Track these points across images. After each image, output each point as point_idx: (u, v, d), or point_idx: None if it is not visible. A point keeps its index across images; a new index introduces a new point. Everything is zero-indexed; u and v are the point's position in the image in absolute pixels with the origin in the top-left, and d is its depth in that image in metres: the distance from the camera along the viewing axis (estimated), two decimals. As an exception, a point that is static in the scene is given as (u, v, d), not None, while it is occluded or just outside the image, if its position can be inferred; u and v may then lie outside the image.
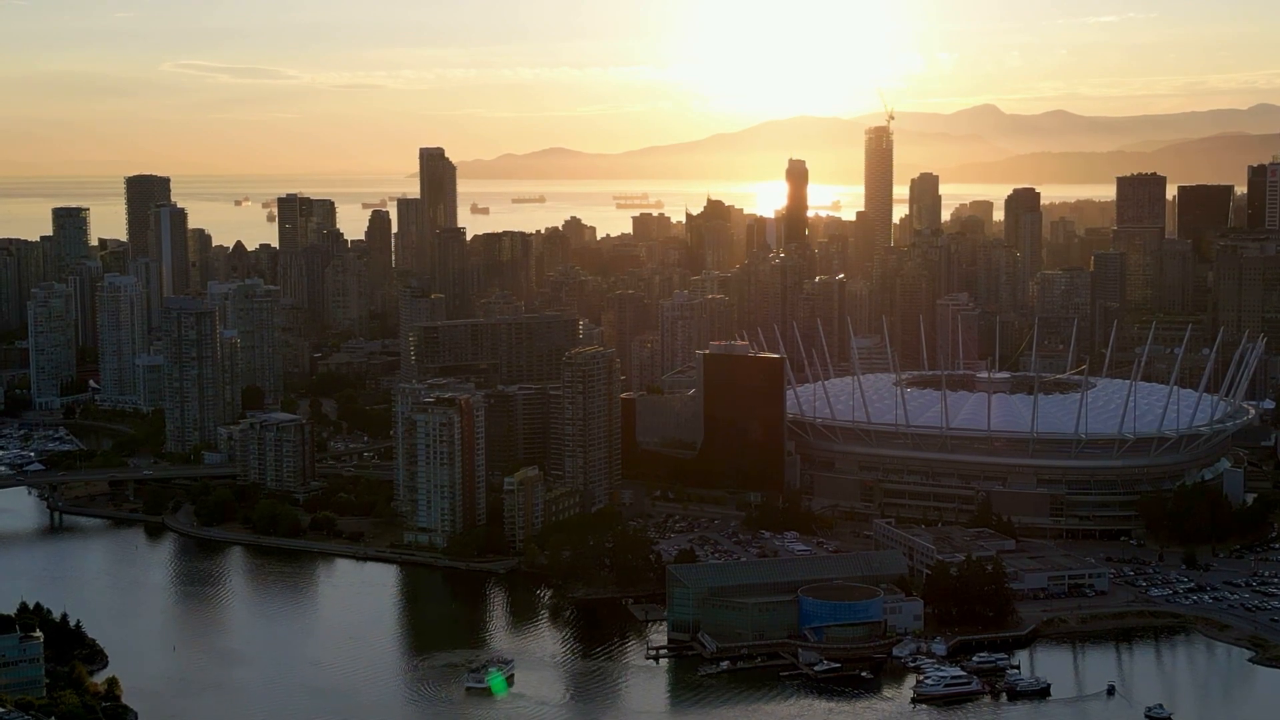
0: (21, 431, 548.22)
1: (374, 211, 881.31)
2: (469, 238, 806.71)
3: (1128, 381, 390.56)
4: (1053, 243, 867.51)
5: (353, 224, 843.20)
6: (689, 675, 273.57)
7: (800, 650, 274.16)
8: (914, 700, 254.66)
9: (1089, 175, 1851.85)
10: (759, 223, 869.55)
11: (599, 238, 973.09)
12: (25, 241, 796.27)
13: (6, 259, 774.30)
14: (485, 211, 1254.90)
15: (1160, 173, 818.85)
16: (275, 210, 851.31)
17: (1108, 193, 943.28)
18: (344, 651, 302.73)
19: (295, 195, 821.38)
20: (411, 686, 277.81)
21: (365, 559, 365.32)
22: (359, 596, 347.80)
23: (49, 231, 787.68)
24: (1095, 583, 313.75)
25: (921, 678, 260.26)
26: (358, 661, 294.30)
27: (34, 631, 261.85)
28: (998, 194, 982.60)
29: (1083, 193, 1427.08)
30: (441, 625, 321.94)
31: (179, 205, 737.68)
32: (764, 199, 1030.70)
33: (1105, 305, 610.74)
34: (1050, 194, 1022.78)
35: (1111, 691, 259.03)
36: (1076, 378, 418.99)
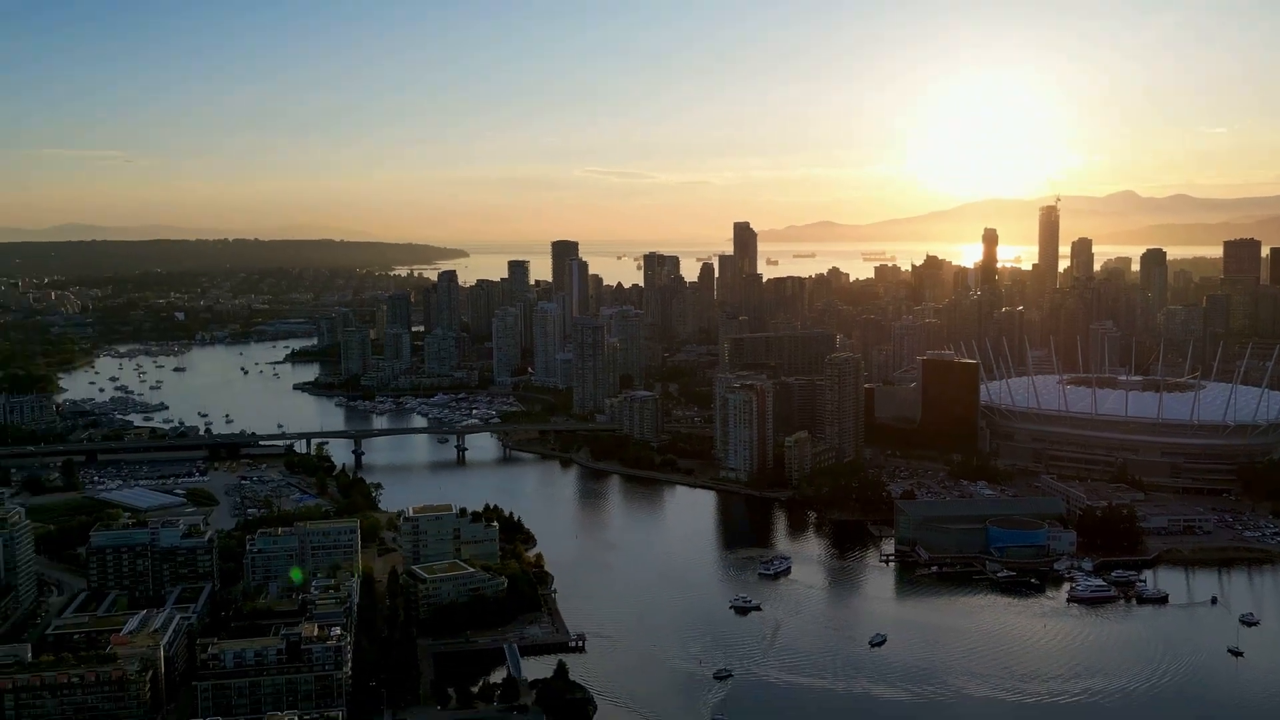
0: (486, 399, 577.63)
1: (703, 263, 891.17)
2: (764, 280, 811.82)
3: (1230, 385, 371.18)
4: (1175, 287, 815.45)
5: (689, 272, 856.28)
6: (908, 574, 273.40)
7: (987, 562, 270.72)
8: (1068, 600, 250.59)
9: (1203, 240, 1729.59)
10: (962, 271, 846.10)
11: (851, 280, 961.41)
12: (492, 281, 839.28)
13: (479, 292, 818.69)
14: (775, 263, 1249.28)
15: (1257, 238, 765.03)
16: (641, 263, 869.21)
17: (1217, 253, 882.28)
18: (681, 544, 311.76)
19: (654, 253, 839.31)
20: (724, 569, 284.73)
21: (695, 486, 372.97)
22: (691, 510, 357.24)
23: (505, 275, 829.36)
24: (1203, 525, 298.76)
25: (1074, 585, 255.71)
26: (690, 551, 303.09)
27: (493, 522, 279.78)
28: (1135, 253, 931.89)
29: (1198, 253, 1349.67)
30: (743, 532, 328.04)
31: (583, 259, 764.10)
32: (967, 255, 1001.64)
33: (1213, 331, 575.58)
34: (1173, 253, 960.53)
35: (1214, 601, 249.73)
36: (1191, 381, 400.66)
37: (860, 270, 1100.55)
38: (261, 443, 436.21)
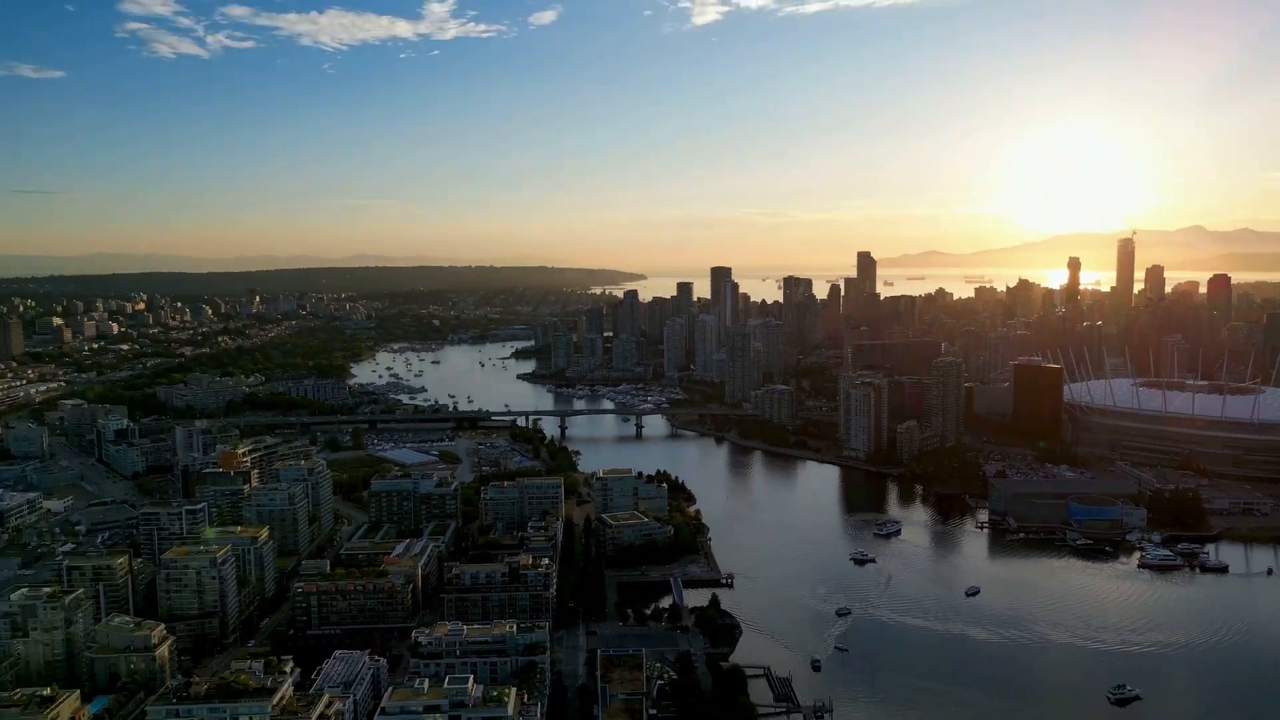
0: (658, 388, 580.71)
1: (831, 284, 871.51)
2: (882, 298, 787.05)
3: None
4: (1238, 306, 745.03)
5: (820, 291, 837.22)
6: (999, 539, 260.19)
7: (1068, 532, 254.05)
8: (1139, 566, 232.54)
9: (1265, 268, 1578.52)
10: (1050, 292, 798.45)
11: (954, 299, 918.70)
12: (664, 299, 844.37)
13: (654, 307, 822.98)
14: (891, 284, 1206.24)
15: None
16: (782, 283, 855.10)
17: (1277, 278, 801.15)
18: (810, 507, 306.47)
19: (792, 276, 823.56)
20: (845, 529, 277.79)
21: (822, 462, 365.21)
22: (818, 481, 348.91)
23: (674, 294, 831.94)
24: (1261, 507, 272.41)
25: (1144, 554, 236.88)
26: (817, 512, 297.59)
27: (663, 483, 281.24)
28: (1202, 278, 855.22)
29: (1260, 278, 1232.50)
30: (861, 499, 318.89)
31: (735, 281, 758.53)
32: (1053, 280, 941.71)
33: (1274, 344, 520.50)
34: (1238, 278, 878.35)
35: (1269, 573, 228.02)
36: (1253, 385, 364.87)
37: (962, 291, 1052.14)
38: (493, 418, 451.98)
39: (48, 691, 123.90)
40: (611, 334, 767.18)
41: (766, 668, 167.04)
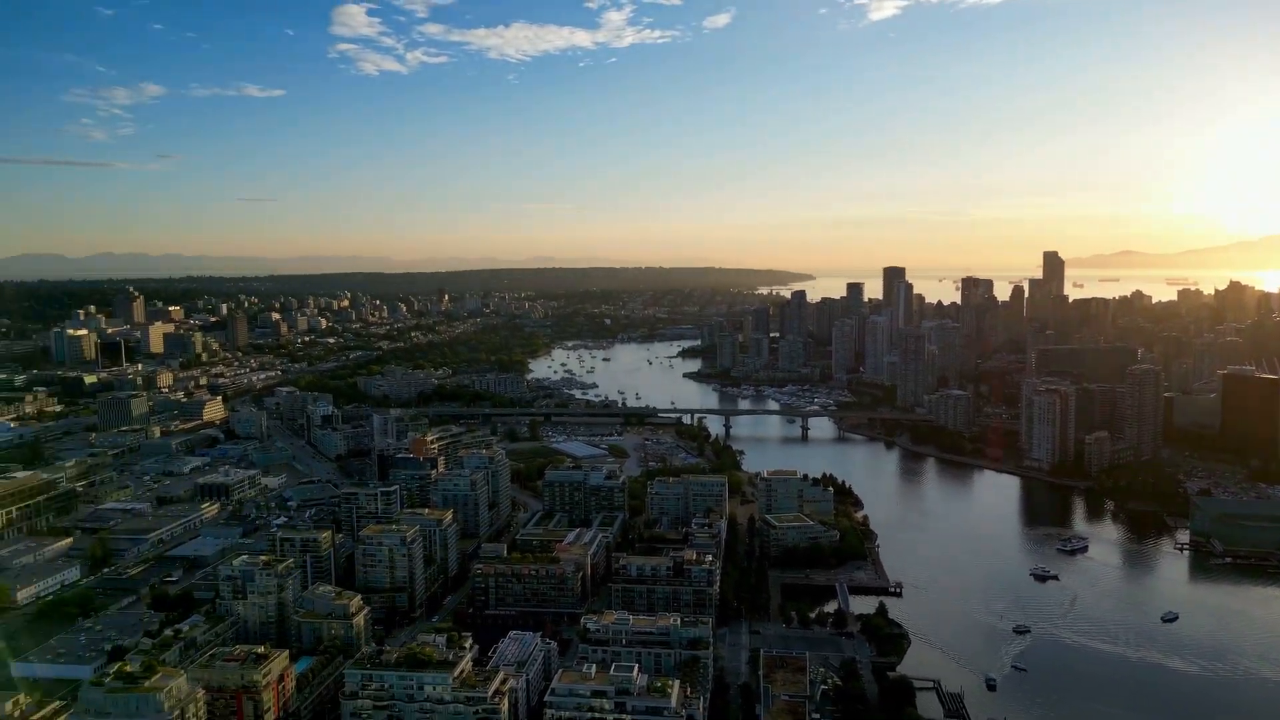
0: (825, 390, 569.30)
1: (1014, 286, 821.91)
2: (1070, 300, 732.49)
3: None
4: None
5: (1001, 293, 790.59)
6: (1202, 563, 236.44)
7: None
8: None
9: None
10: (1266, 295, 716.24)
11: (1153, 302, 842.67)
12: (833, 299, 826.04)
13: (823, 307, 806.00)
14: (1081, 286, 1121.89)
15: None
16: (959, 284, 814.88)
17: None
18: (986, 518, 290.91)
19: (971, 277, 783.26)
20: (1024, 542, 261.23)
21: (1000, 471, 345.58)
22: (995, 491, 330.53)
23: (844, 294, 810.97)
24: None
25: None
26: (994, 524, 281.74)
27: (829, 487, 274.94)
28: None
29: None
30: (1043, 512, 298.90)
31: (908, 282, 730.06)
32: (1269, 282, 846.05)
33: None
34: None
35: None
36: None
37: (1162, 294, 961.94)
38: (660, 414, 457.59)
39: (262, 649, 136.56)
40: (778, 334, 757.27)
41: (936, 681, 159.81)
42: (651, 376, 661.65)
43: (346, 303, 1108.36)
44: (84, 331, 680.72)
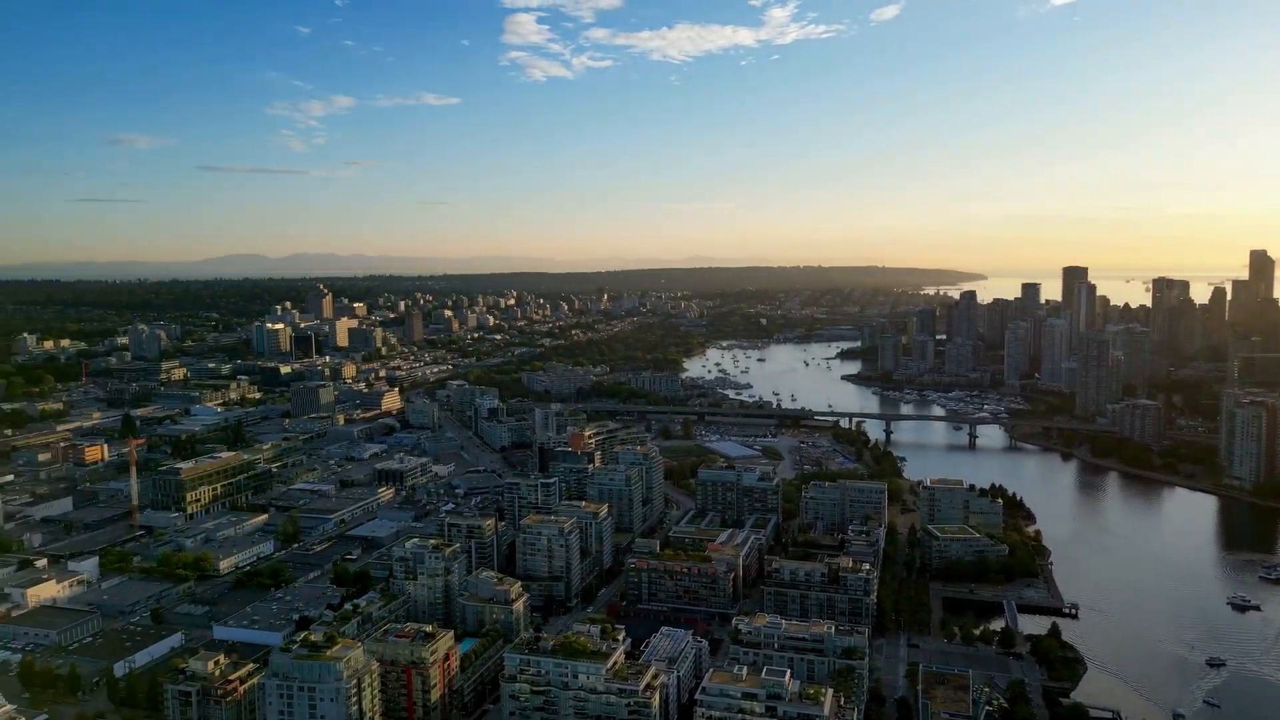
0: (996, 396, 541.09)
1: (1215, 287, 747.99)
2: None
3: None
4: None
5: (1199, 295, 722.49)
6: None
7: None
8: None
9: None
10: None
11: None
12: (1006, 300, 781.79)
13: (995, 309, 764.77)
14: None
15: None
16: (1150, 285, 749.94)
17: None
18: (1176, 539, 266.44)
19: (1163, 277, 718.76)
20: (1221, 568, 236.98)
21: (1194, 490, 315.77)
22: (1188, 511, 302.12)
23: (1018, 295, 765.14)
24: None
25: None
26: (1186, 547, 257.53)
27: (997, 498, 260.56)
28: None
29: None
30: (1245, 536, 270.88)
31: (1091, 282, 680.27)
32: None
33: None
34: None
35: None
36: None
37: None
38: (816, 417, 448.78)
39: (430, 629, 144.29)
40: (944, 337, 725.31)
41: (1115, 712, 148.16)
42: (808, 378, 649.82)
43: (513, 301, 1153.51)
44: (280, 326, 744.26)
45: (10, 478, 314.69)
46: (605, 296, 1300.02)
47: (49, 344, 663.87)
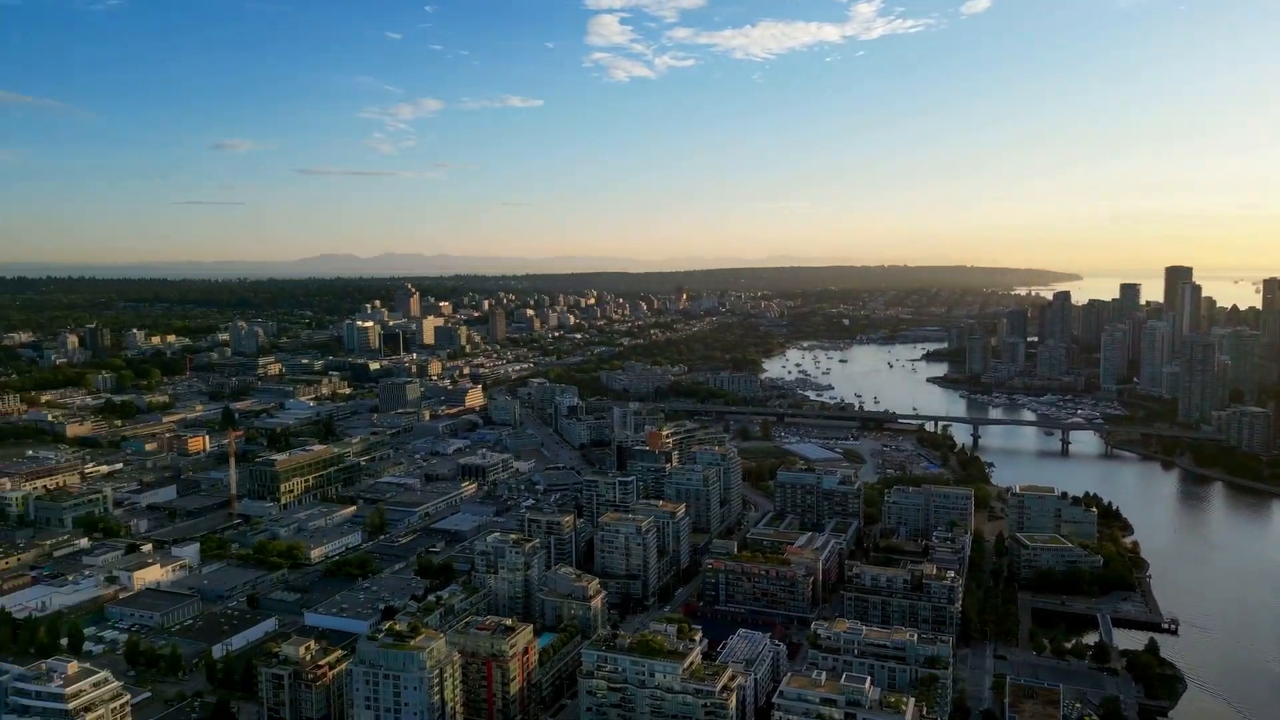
0: (1091, 401, 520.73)
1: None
2: None
3: None
4: None
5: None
6: None
7: None
8: None
9: None
10: None
11: None
12: (1102, 301, 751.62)
13: (1090, 310, 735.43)
14: None
15: None
16: (1261, 287, 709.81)
17: None
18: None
19: (1274, 278, 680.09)
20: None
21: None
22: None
23: (1116, 296, 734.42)
24: None
25: None
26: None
27: (1091, 507, 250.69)
28: None
29: None
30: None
31: (1196, 283, 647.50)
32: None
33: None
34: None
35: None
36: None
37: None
38: (900, 420, 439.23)
39: (509, 622, 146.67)
40: (1036, 339, 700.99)
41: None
42: (892, 380, 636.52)
43: (593, 300, 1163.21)
44: (370, 323, 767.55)
45: (120, 466, 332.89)
46: (684, 296, 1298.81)
47: (156, 340, 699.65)
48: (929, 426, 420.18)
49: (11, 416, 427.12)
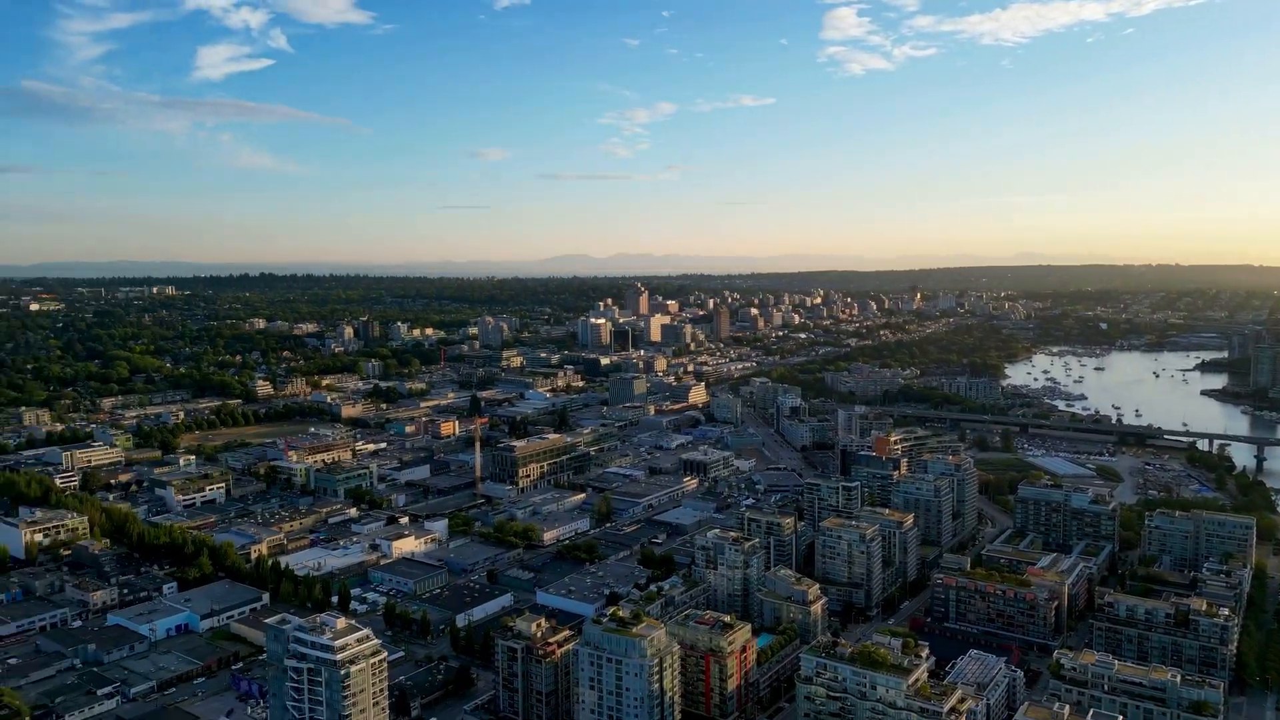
0: None
1: None
2: None
3: None
4: None
5: None
6: None
7: None
8: None
9: None
10: None
11: None
12: None
13: None
14: None
15: None
16: None
17: None
18: None
19: None
20: None
21: None
22: None
23: None
24: None
25: None
26: None
27: None
28: None
29: None
30: None
31: None
32: None
33: None
34: None
35: None
36: None
37: None
38: (1165, 436, 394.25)
39: (728, 619, 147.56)
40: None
41: None
42: (1157, 391, 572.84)
43: (819, 299, 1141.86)
44: (602, 321, 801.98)
45: (383, 445, 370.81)
46: (919, 295, 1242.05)
47: (416, 332, 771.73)
48: (1201, 445, 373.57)
49: (299, 397, 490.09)
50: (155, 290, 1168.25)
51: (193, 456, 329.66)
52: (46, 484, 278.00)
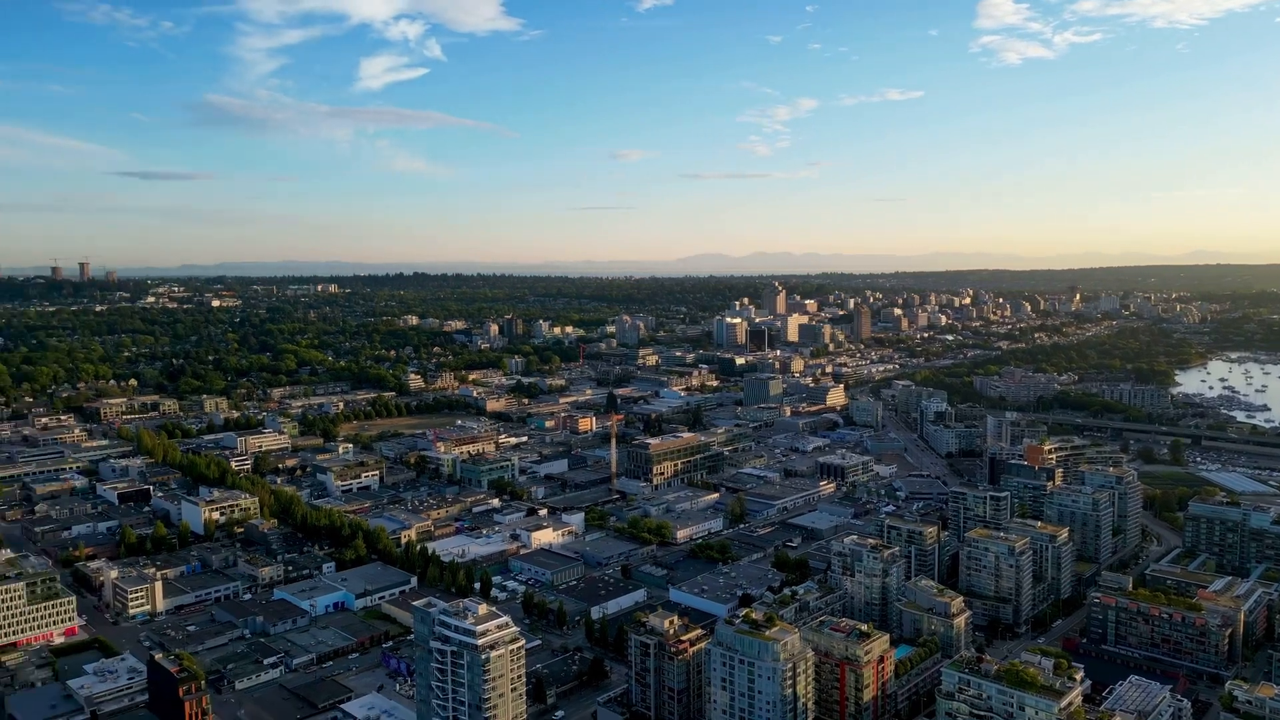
0: None
1: None
2: None
3: None
4: None
5: None
6: None
7: None
8: None
9: None
10: None
11: None
12: None
13: None
14: None
15: None
16: None
17: None
18: None
19: None
20: None
21: None
22: None
23: None
24: None
25: None
26: None
27: None
28: None
29: None
30: None
31: None
32: None
33: None
34: None
35: None
36: None
37: None
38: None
39: (865, 627, 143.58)
40: None
41: None
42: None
43: (968, 300, 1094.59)
44: (738, 320, 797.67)
45: (525, 439, 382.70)
46: (1078, 296, 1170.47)
47: (557, 330, 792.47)
48: None
49: (447, 390, 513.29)
50: (320, 288, 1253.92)
51: (350, 445, 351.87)
52: (223, 466, 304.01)
